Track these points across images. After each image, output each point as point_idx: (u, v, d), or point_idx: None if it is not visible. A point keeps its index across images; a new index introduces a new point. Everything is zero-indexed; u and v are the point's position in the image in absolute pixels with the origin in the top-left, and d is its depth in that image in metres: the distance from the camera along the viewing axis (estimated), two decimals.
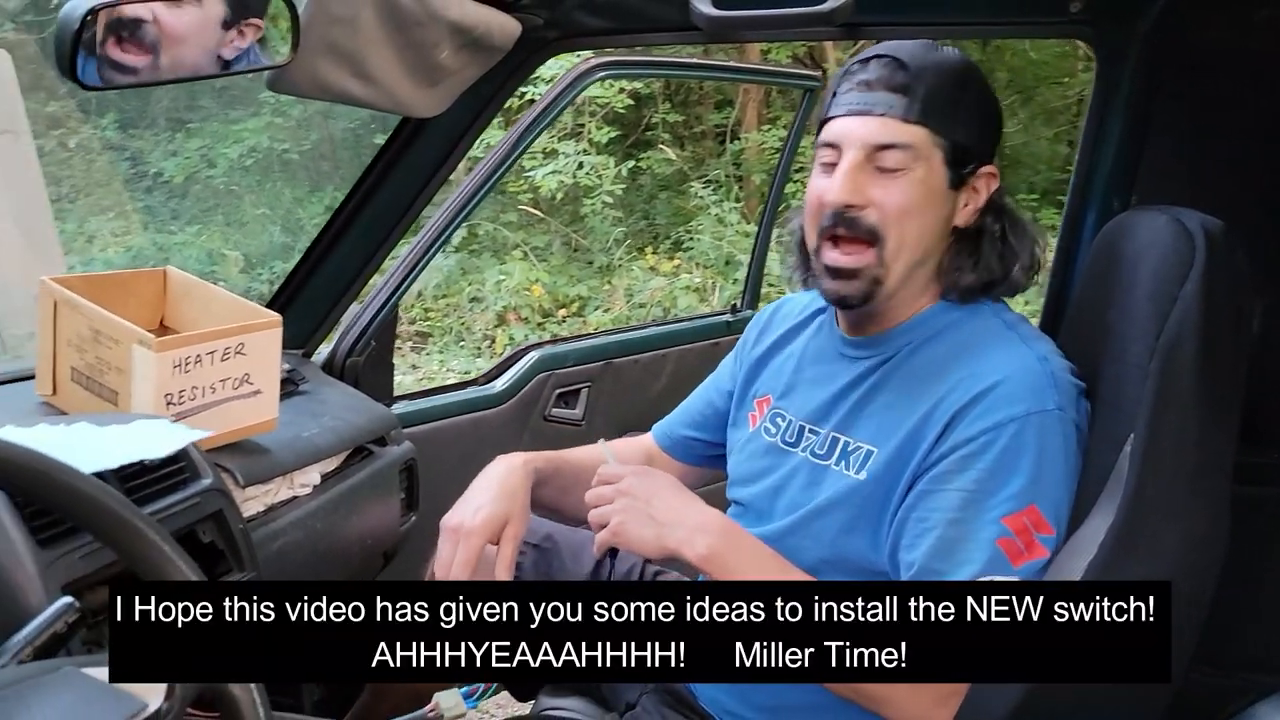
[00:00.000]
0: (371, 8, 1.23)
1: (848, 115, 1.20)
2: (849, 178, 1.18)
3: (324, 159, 7.55)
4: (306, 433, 1.52)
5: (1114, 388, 1.14)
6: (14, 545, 0.95)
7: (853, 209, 1.19)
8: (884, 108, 1.18)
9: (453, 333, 6.23)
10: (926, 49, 1.21)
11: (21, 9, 7.05)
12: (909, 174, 1.18)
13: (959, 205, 1.23)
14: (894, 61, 1.19)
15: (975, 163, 1.22)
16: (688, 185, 6.99)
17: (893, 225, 1.19)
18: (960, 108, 1.20)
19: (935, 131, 1.18)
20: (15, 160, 4.96)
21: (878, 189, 1.18)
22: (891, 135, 1.18)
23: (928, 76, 1.18)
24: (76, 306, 1.30)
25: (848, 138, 1.20)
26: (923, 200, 1.19)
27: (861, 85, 1.20)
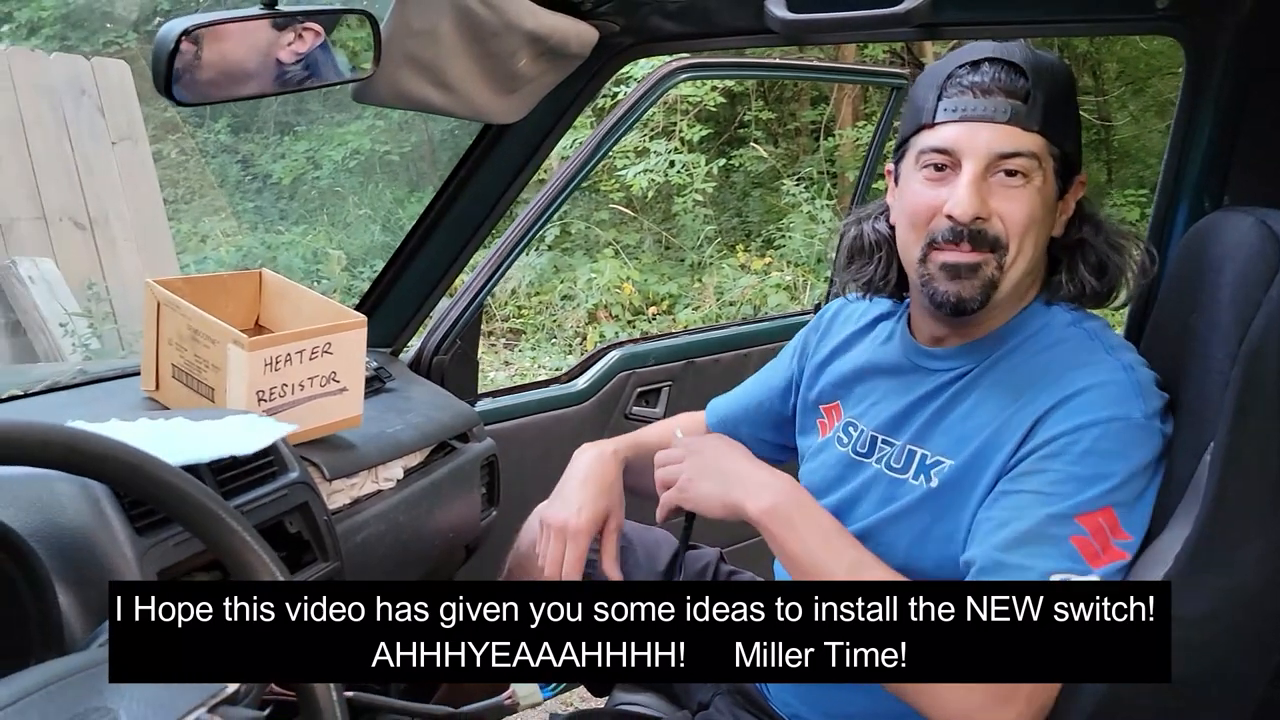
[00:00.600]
0: (450, 20, 1.27)
1: (963, 121, 1.15)
2: (975, 189, 1.14)
3: (423, 160, 7.74)
4: (391, 428, 1.58)
5: (1196, 395, 1.11)
6: (114, 532, 1.01)
7: (980, 221, 1.15)
8: (1005, 114, 1.13)
9: (545, 330, 6.32)
10: (1034, 53, 1.17)
11: (144, 19, 7.39)
12: (1030, 183, 1.14)
13: (1058, 214, 1.20)
14: (1011, 66, 1.15)
15: (1076, 173, 1.20)
16: (780, 183, 6.94)
17: (1015, 235, 1.15)
18: (1069, 116, 1.18)
19: (1051, 140, 1.15)
20: (134, 166, 5.22)
21: (1000, 200, 1.15)
22: (1016, 143, 1.13)
23: (1045, 83, 1.14)
24: (177, 307, 1.38)
25: (968, 146, 1.15)
26: (1041, 210, 1.16)
27: (976, 90, 1.15)
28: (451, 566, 1.76)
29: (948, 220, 1.15)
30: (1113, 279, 1.22)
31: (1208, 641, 1.02)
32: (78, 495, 1.02)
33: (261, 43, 1.07)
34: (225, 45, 1.04)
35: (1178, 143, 1.40)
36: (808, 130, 7.60)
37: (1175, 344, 1.18)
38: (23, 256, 4.59)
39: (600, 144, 2.00)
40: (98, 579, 0.98)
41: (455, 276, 1.91)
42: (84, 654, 0.79)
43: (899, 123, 1.27)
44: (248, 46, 1.06)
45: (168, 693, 0.74)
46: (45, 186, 4.79)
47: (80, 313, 4.64)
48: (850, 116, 7.23)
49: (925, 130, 1.18)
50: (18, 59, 4.97)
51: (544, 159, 1.78)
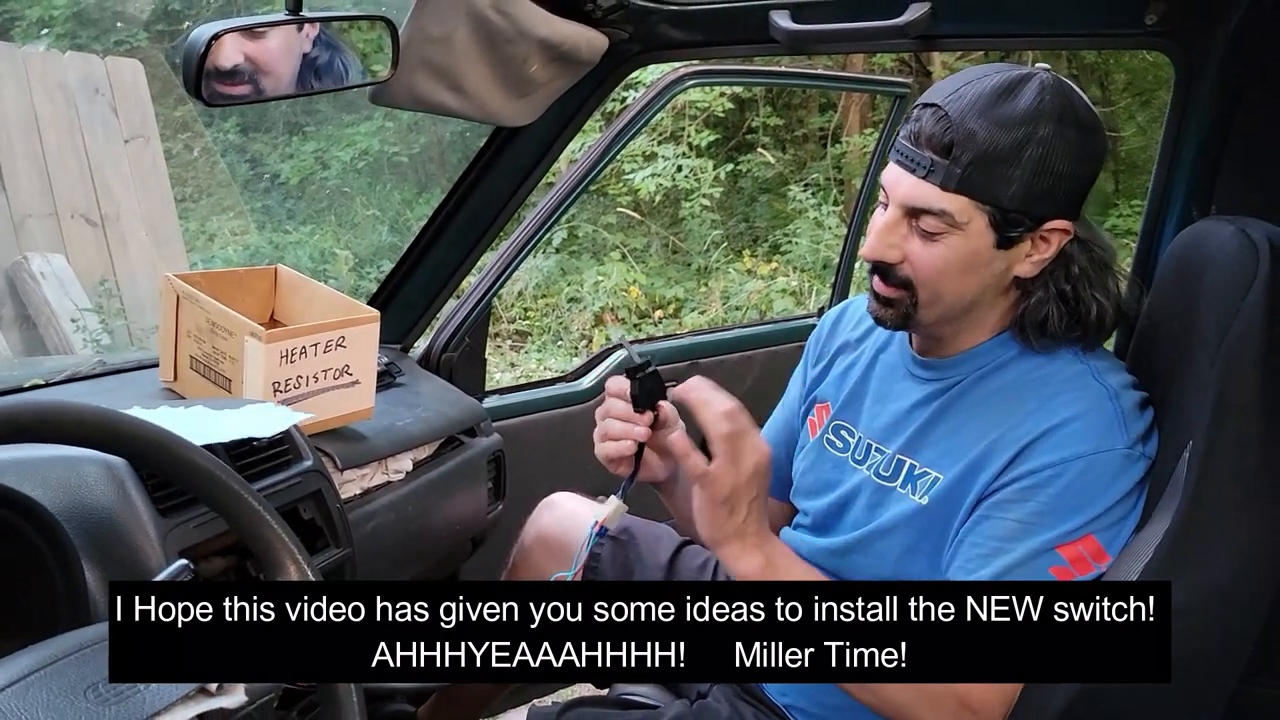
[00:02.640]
0: (466, 27, 1.31)
1: (895, 163, 1.17)
2: (881, 236, 1.17)
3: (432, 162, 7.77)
4: (401, 422, 1.62)
5: (1178, 397, 1.15)
6: (138, 513, 1.06)
7: (884, 264, 1.18)
8: (925, 169, 1.13)
9: (551, 332, 6.36)
10: (989, 102, 1.11)
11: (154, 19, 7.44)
12: (945, 238, 1.14)
13: (1019, 257, 1.18)
14: (944, 117, 1.12)
15: (1031, 223, 1.15)
16: (787, 188, 6.98)
17: (925, 283, 1.17)
18: (1013, 170, 1.11)
19: (978, 200, 1.12)
20: (146, 164, 5.27)
21: (913, 244, 1.16)
22: (926, 200, 1.13)
23: (976, 139, 1.10)
24: (196, 300, 1.42)
25: (892, 190, 1.17)
26: (960, 263, 1.15)
27: (911, 136, 1.15)
28: (458, 559, 1.80)
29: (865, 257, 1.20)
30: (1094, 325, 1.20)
31: (1182, 635, 1.05)
32: (104, 477, 1.06)
33: (287, 47, 1.12)
34: (252, 49, 1.09)
35: (1167, 154, 1.44)
36: (815, 136, 7.64)
37: (1161, 348, 1.23)
38: (35, 252, 4.65)
39: (608, 148, 2.03)
40: (122, 557, 1.03)
41: (465, 275, 1.96)
42: None
43: None
44: (274, 50, 1.11)
45: None
46: (58, 183, 4.85)
47: (91, 308, 4.69)
48: (858, 123, 7.27)
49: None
50: (33, 59, 5.03)
51: (553, 161, 1.82)
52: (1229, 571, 1.06)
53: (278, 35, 1.11)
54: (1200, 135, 1.40)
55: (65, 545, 0.97)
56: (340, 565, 1.30)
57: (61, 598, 0.97)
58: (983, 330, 1.24)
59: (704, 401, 1.10)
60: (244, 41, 1.08)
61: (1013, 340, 1.23)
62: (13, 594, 0.95)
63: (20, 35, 7.03)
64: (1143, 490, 1.14)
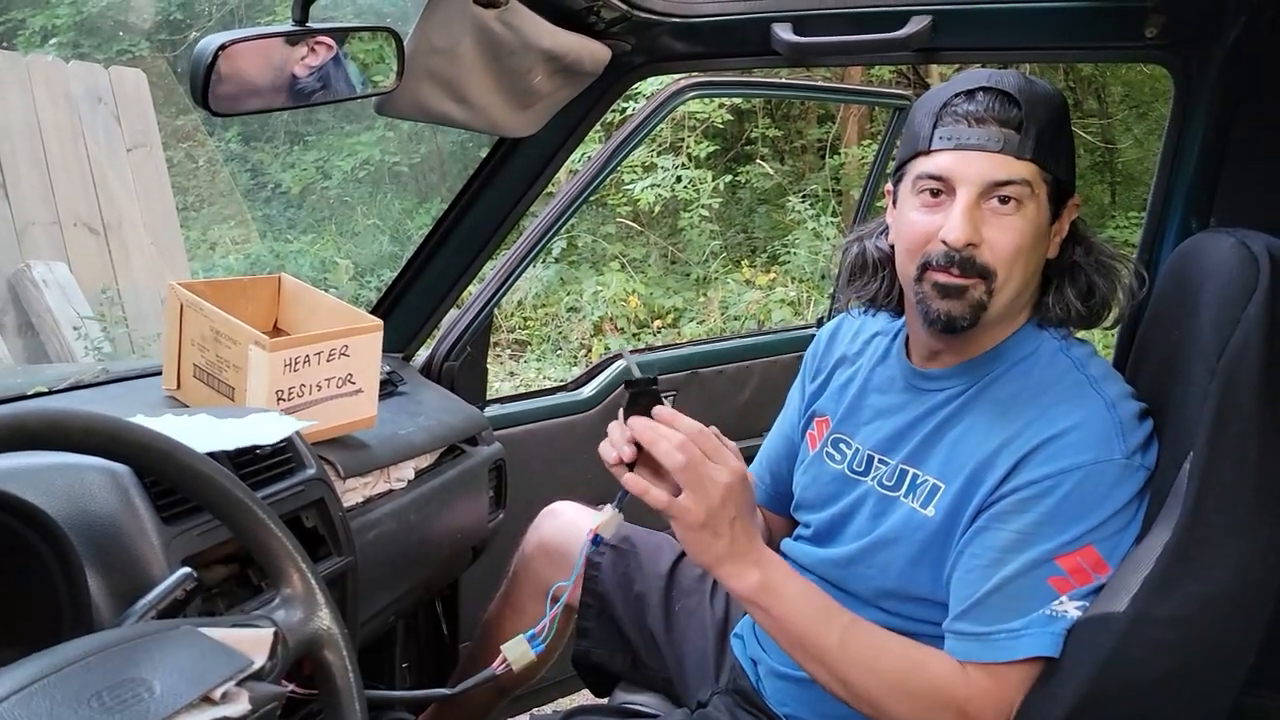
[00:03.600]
0: (470, 38, 1.32)
1: (957, 150, 1.18)
2: (968, 217, 1.16)
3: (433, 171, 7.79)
4: (403, 430, 1.62)
5: (1178, 407, 1.15)
6: (141, 521, 1.06)
7: (971, 248, 1.17)
8: (998, 143, 1.16)
9: (550, 341, 6.37)
10: (1028, 81, 1.19)
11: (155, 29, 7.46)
12: (1021, 211, 1.17)
13: (1051, 236, 1.23)
14: (1005, 95, 1.17)
15: (1069, 197, 1.22)
16: (785, 199, 7.01)
17: (1004, 263, 1.18)
18: (1061, 143, 1.20)
19: (1043, 168, 1.17)
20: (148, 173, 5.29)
21: (991, 228, 1.17)
22: (1008, 172, 1.16)
23: (1038, 111, 1.17)
24: (200, 309, 1.42)
25: (962, 174, 1.17)
26: (1032, 237, 1.18)
27: (970, 119, 1.18)
28: (459, 567, 1.80)
29: (942, 245, 1.18)
30: (1100, 302, 1.25)
31: (1183, 643, 1.07)
32: (107, 484, 1.06)
33: (293, 58, 1.12)
34: (259, 59, 1.09)
35: (1166, 166, 1.45)
36: (814, 148, 7.67)
37: (1160, 359, 1.23)
38: (37, 260, 4.66)
39: (609, 159, 2.05)
40: (125, 564, 1.03)
41: (467, 285, 1.96)
42: (119, 630, 0.83)
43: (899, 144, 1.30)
44: (280, 61, 1.11)
45: (198, 666, 0.79)
46: (61, 191, 4.86)
47: (93, 316, 4.70)
48: (856, 135, 7.29)
49: (922, 156, 1.21)
50: (37, 67, 5.05)
51: (555, 172, 1.83)
52: (1229, 582, 1.06)
53: (284, 46, 1.12)
54: (1199, 147, 1.41)
55: (69, 553, 0.96)
56: (342, 573, 1.30)
57: (65, 605, 0.97)
58: (1010, 326, 1.26)
59: (652, 441, 1.12)
60: (250, 52, 1.08)
61: (1017, 345, 1.25)
62: (16, 601, 0.95)
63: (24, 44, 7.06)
64: (1142, 501, 1.15)
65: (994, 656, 1.12)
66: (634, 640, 1.64)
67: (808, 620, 1.15)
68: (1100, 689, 1.06)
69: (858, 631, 1.16)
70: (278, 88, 1.12)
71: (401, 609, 1.67)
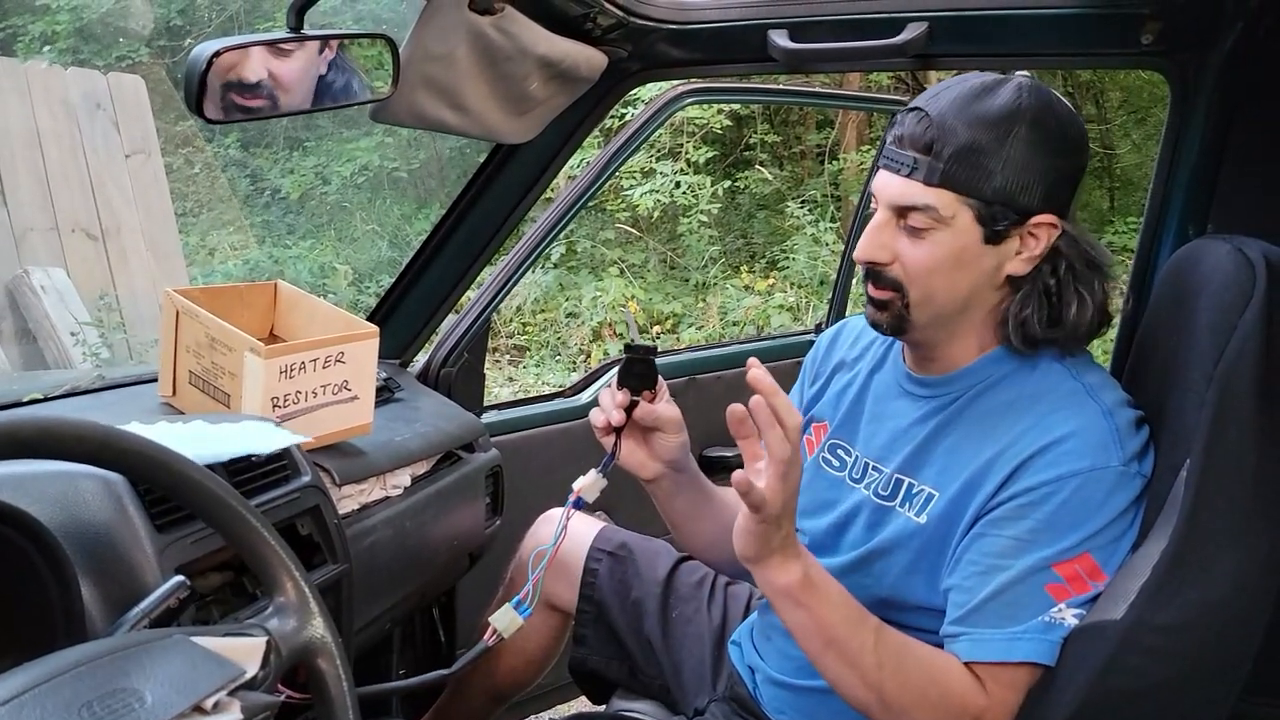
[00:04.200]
0: (466, 45, 1.32)
1: (883, 168, 1.20)
2: (872, 237, 1.20)
3: (431, 178, 7.79)
4: (399, 437, 1.62)
5: (1175, 415, 1.15)
6: (135, 529, 1.05)
7: (877, 265, 1.20)
8: (908, 168, 1.16)
9: (549, 347, 6.37)
10: (967, 101, 1.16)
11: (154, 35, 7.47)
12: (932, 234, 1.17)
13: (1009, 254, 1.19)
14: (924, 118, 1.16)
15: (1017, 216, 1.16)
16: (785, 205, 7.02)
17: (915, 281, 1.19)
18: (993, 162, 1.14)
19: (961, 193, 1.15)
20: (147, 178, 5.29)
21: (903, 244, 1.18)
22: (912, 198, 1.16)
23: (957, 135, 1.14)
24: (195, 316, 1.42)
25: (881, 193, 1.20)
26: (949, 259, 1.17)
27: (895, 139, 1.19)
28: (455, 574, 1.80)
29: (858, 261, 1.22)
30: (1073, 317, 1.20)
31: (1181, 651, 1.07)
32: (100, 492, 1.06)
33: (288, 64, 1.12)
34: (254, 66, 1.09)
35: (1163, 172, 1.45)
36: (813, 154, 7.68)
37: (1157, 366, 1.23)
38: (36, 266, 4.66)
39: (607, 164, 2.05)
40: (119, 573, 1.03)
41: (464, 291, 1.96)
42: (110, 639, 0.83)
43: None
44: (275, 68, 1.11)
45: (190, 675, 0.78)
46: (59, 198, 4.86)
47: (91, 322, 4.70)
48: (855, 141, 7.30)
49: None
50: (36, 74, 5.05)
51: (552, 179, 1.83)
52: (1227, 588, 1.06)
53: (279, 53, 1.12)
54: (1196, 153, 1.40)
55: (62, 561, 0.96)
56: (337, 581, 1.30)
57: (57, 614, 0.96)
58: (975, 340, 1.25)
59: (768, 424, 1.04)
60: (245, 59, 1.08)
61: (1006, 356, 1.24)
62: (8, 610, 0.94)
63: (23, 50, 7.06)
64: (1139, 508, 1.14)
65: (990, 655, 1.12)
66: (631, 647, 1.64)
67: (845, 621, 1.13)
68: (1098, 697, 1.06)
69: (887, 636, 1.15)
70: (272, 96, 1.12)
71: (397, 616, 1.66)
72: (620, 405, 1.26)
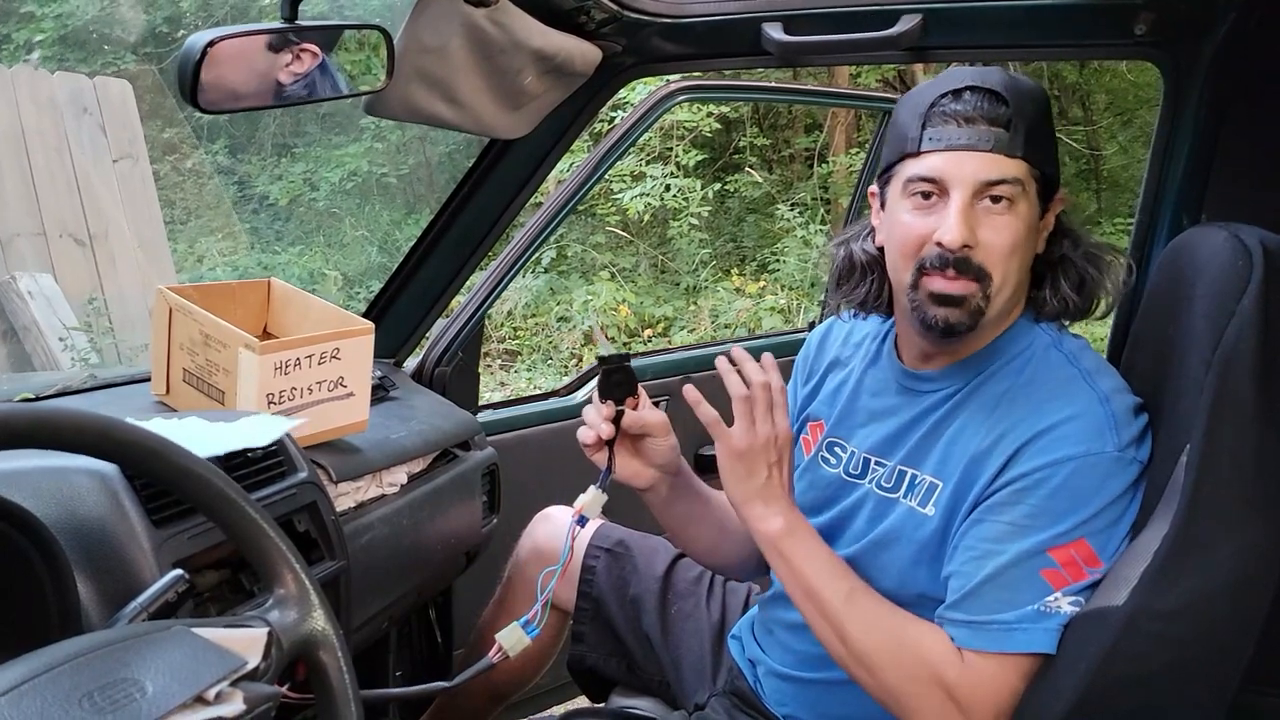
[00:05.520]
0: (460, 37, 1.31)
1: (948, 150, 1.17)
2: (963, 218, 1.15)
3: (420, 182, 7.79)
4: (395, 435, 1.61)
5: (1173, 401, 1.15)
6: (131, 524, 1.04)
7: (967, 249, 1.16)
8: (989, 142, 1.15)
9: (540, 351, 6.37)
10: (1012, 78, 1.19)
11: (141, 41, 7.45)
12: (1014, 210, 1.17)
13: (1039, 231, 1.23)
14: (992, 94, 1.17)
15: (1055, 191, 1.22)
16: (774, 208, 7.03)
17: (999, 263, 1.17)
18: (1047, 138, 1.20)
19: (1033, 164, 1.17)
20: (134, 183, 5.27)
21: (985, 228, 1.17)
22: (1001, 171, 1.15)
23: (1026, 108, 1.17)
24: (189, 313, 1.41)
25: (955, 175, 1.16)
26: (1024, 235, 1.18)
27: (960, 119, 1.17)
28: (453, 572, 1.79)
29: (937, 247, 1.17)
30: (1092, 292, 1.25)
31: (1183, 636, 1.06)
32: (96, 488, 1.05)
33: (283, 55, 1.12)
34: (249, 56, 1.09)
35: (1157, 162, 1.45)
36: (802, 157, 7.70)
37: (1155, 354, 1.23)
38: (23, 272, 4.63)
39: (598, 165, 2.04)
40: (115, 569, 1.02)
41: (459, 289, 1.95)
42: (109, 631, 0.82)
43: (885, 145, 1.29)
44: (270, 59, 1.11)
45: (191, 666, 0.77)
46: (46, 202, 4.84)
47: (79, 327, 4.67)
48: (844, 144, 7.33)
49: (910, 159, 1.20)
50: (21, 77, 5.03)
51: (546, 175, 1.82)
52: (1228, 574, 1.06)
53: (273, 43, 1.11)
54: (1190, 144, 1.41)
55: (57, 556, 0.95)
56: (335, 578, 1.29)
57: (53, 610, 0.95)
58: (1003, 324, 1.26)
59: (727, 370, 1.24)
60: (239, 49, 1.08)
61: (1005, 346, 1.25)
62: (3, 605, 0.93)
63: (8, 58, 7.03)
64: (1135, 495, 1.14)
65: (985, 645, 1.12)
66: (630, 644, 1.63)
67: (820, 573, 1.20)
68: (1101, 683, 1.06)
69: (864, 593, 1.20)
70: (266, 86, 1.11)
71: (395, 615, 1.65)
72: (607, 418, 1.28)
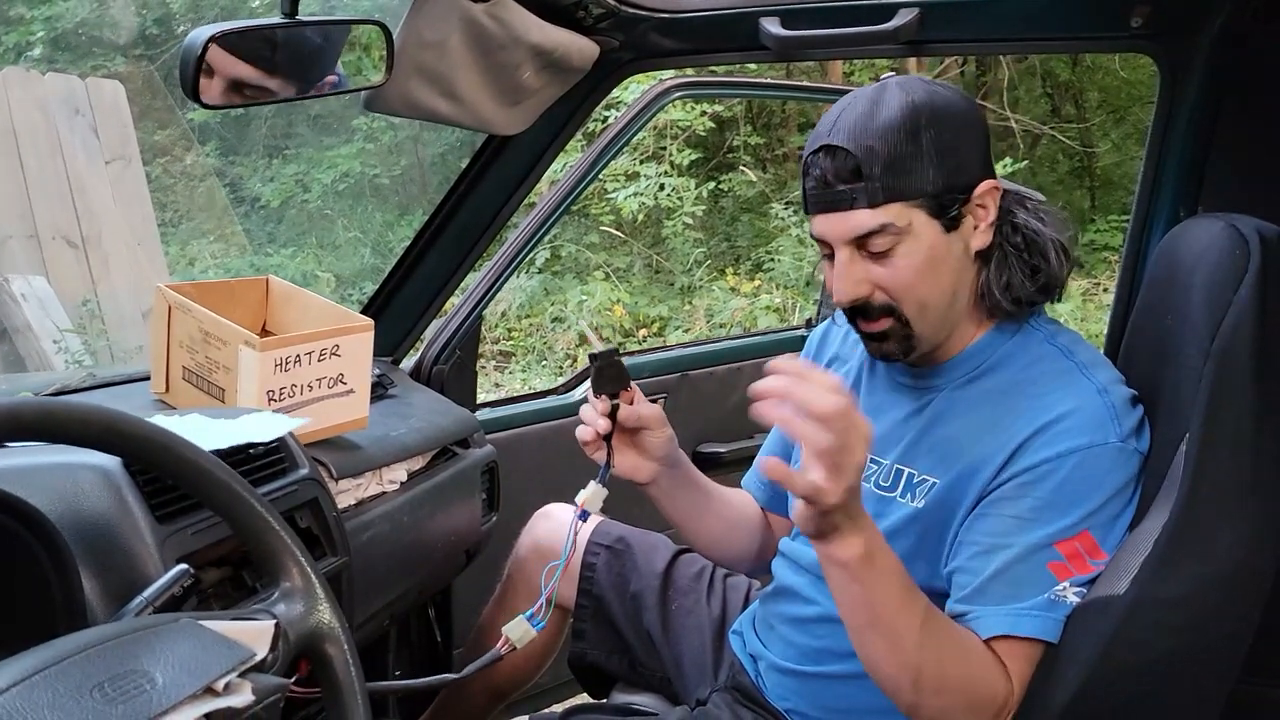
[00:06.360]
0: (459, 33, 1.32)
1: (820, 214, 1.20)
2: (846, 276, 1.19)
3: (413, 183, 7.78)
4: (395, 432, 1.61)
5: (1171, 392, 1.16)
6: (135, 519, 1.04)
7: (861, 299, 1.20)
8: (849, 200, 1.16)
9: (535, 352, 6.36)
10: (866, 119, 1.17)
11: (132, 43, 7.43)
12: (900, 248, 1.17)
13: (970, 232, 1.21)
14: (840, 151, 1.17)
15: (963, 194, 1.19)
16: (769, 206, 7.03)
17: (904, 296, 1.19)
18: (920, 160, 1.16)
19: (906, 200, 1.16)
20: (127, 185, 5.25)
21: (877, 270, 1.18)
22: (866, 224, 1.16)
23: (877, 152, 1.15)
24: (189, 310, 1.41)
25: (831, 234, 1.19)
26: (925, 262, 1.18)
27: (820, 182, 1.18)
28: (453, 570, 1.79)
29: (839, 305, 1.22)
30: (1048, 275, 1.23)
31: (1184, 623, 1.07)
32: (100, 484, 1.04)
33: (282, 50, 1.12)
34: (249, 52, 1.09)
35: (1154, 154, 1.46)
36: (795, 155, 7.69)
37: (1153, 344, 1.24)
38: (16, 274, 4.62)
39: (592, 165, 2.04)
40: (119, 564, 1.02)
41: (456, 286, 1.95)
42: (117, 624, 0.82)
43: None
44: (270, 53, 1.11)
45: (200, 657, 0.78)
46: (38, 204, 4.82)
47: (73, 329, 4.66)
48: None
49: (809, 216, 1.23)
50: (13, 78, 5.01)
51: (544, 172, 1.82)
52: (1227, 562, 1.07)
53: (274, 38, 1.11)
54: (1186, 136, 1.42)
55: (62, 551, 0.95)
56: (338, 574, 1.29)
57: (58, 605, 0.95)
58: (970, 324, 1.26)
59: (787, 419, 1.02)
60: (240, 44, 1.08)
61: (998, 338, 1.25)
62: (9, 600, 0.93)
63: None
64: (1137, 485, 1.15)
65: (996, 629, 1.12)
66: (631, 641, 1.63)
67: (896, 600, 1.08)
68: (1103, 671, 1.06)
69: (934, 619, 1.11)
70: (269, 80, 1.11)
71: (395, 613, 1.65)
72: (603, 412, 1.29)
